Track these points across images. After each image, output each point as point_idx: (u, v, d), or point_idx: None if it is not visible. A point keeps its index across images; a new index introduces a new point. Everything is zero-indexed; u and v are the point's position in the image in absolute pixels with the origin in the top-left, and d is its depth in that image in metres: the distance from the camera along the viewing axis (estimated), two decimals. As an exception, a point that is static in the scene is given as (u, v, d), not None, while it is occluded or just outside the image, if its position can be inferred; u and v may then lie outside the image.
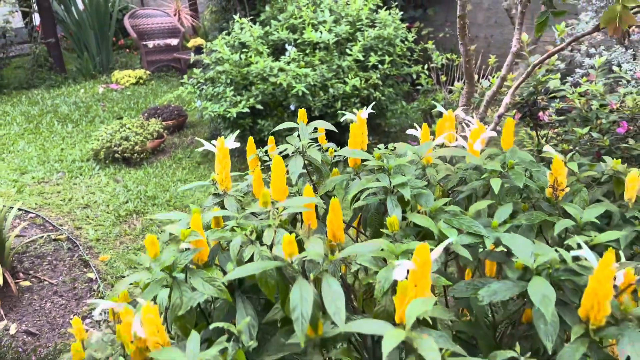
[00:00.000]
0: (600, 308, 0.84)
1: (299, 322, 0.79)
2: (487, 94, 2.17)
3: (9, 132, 6.46)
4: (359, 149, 1.20)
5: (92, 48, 9.10)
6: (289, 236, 0.85)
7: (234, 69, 4.59)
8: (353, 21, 4.94)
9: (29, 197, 4.69)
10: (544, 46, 5.85)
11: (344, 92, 4.52)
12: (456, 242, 0.98)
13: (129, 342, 0.88)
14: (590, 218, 1.08)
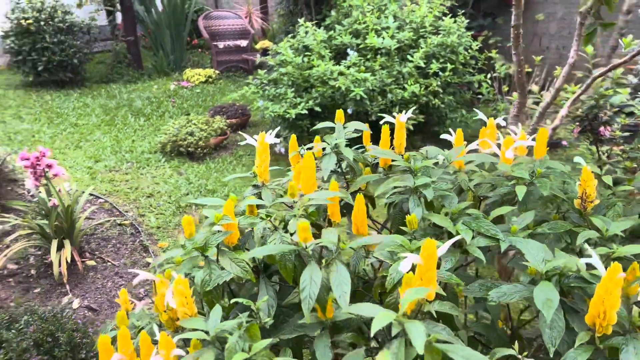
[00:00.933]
0: (606, 316, 0.84)
1: (306, 300, 0.85)
2: (541, 105, 2.14)
3: (87, 123, 6.93)
4: (389, 150, 1.25)
5: (167, 47, 9.57)
6: (304, 222, 0.92)
7: (296, 71, 4.71)
8: (417, 28, 4.95)
9: (100, 184, 5.03)
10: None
11: (403, 97, 4.53)
12: (472, 243, 1.01)
13: (163, 312, 0.97)
14: (616, 231, 1.07)
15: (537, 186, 1.14)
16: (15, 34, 8.15)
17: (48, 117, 7.13)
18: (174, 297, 0.93)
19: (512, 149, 1.27)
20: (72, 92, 8.38)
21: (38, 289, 3.42)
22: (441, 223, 1.07)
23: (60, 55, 8.21)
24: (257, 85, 5.25)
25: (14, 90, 8.57)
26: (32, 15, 8.12)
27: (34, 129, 6.67)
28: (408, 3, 5.34)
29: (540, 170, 1.18)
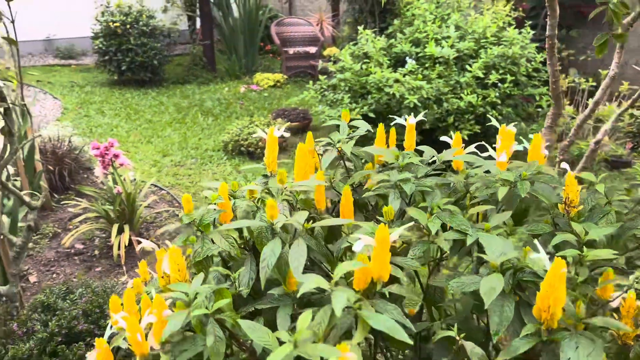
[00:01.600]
0: (551, 310, 0.86)
1: (263, 270, 0.95)
2: (579, 118, 2.10)
3: (160, 120, 7.37)
4: (380, 147, 1.32)
5: (240, 51, 9.98)
6: (272, 201, 1.01)
7: (353, 77, 4.81)
8: (478, 38, 4.90)
9: (165, 177, 5.36)
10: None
11: (459, 107, 4.51)
12: (440, 235, 1.06)
13: (160, 277, 1.10)
14: (595, 236, 1.07)
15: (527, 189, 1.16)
16: (104, 35, 8.81)
17: (127, 113, 7.66)
18: (168, 265, 1.06)
19: (505, 153, 1.29)
20: (150, 91, 8.93)
21: (99, 268, 3.72)
22: (415, 216, 1.12)
23: (142, 57, 8.79)
24: (316, 90, 5.39)
25: (99, 88, 9.25)
26: (119, 18, 8.76)
27: (113, 123, 7.19)
28: (472, 13, 5.30)
29: (526, 174, 1.19)
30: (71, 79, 9.63)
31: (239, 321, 0.89)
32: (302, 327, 0.78)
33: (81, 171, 5.10)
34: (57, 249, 3.96)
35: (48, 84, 9.21)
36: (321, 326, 0.83)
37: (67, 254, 3.91)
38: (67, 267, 3.75)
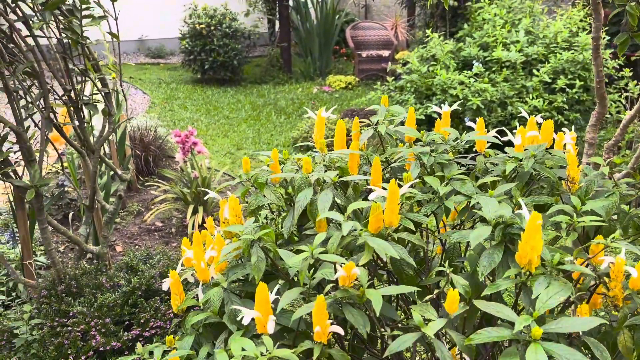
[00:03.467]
0: (529, 257, 1.03)
1: (298, 207, 1.18)
2: (625, 119, 2.17)
3: (237, 117, 7.84)
4: (410, 128, 1.51)
5: (315, 54, 10.33)
6: (307, 158, 1.24)
7: (420, 79, 4.96)
8: (549, 43, 4.89)
9: (237, 168, 5.75)
10: None
11: (523, 111, 4.54)
12: (450, 200, 1.24)
13: (222, 223, 1.36)
14: (587, 208, 1.20)
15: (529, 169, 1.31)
16: (190, 36, 9.46)
17: (206, 109, 8.21)
18: (228, 211, 1.32)
19: (521, 138, 1.44)
20: (229, 90, 9.48)
21: (175, 243, 4.13)
22: (430, 182, 1.31)
23: (223, 57, 9.35)
24: (383, 91, 5.58)
25: (184, 85, 9.93)
26: (205, 20, 9.37)
27: (194, 117, 7.75)
28: (544, 18, 5.28)
29: (533, 153, 1.34)
30: (159, 77, 10.40)
31: (278, 250, 1.13)
32: (317, 243, 1.01)
33: (164, 158, 5.60)
34: (140, 225, 4.42)
35: (139, 80, 10.01)
36: (333, 245, 1.06)
37: (148, 230, 4.36)
38: (148, 240, 4.19)
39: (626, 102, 4.50)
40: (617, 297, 1.16)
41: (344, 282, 1.08)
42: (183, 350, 1.17)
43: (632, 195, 1.38)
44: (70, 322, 2.34)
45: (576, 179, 1.30)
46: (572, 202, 1.22)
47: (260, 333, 1.07)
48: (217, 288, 1.22)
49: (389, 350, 1.00)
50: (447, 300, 1.08)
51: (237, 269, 1.25)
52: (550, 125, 1.44)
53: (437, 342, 1.05)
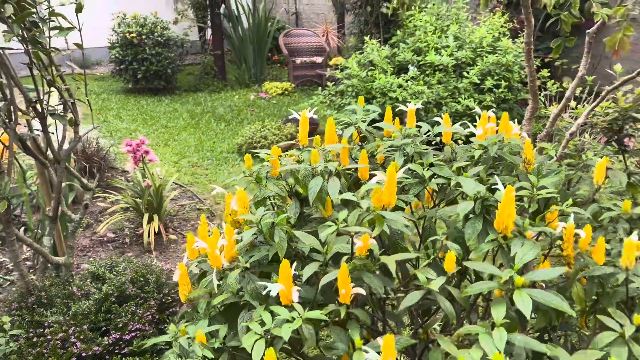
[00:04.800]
0: (505, 223, 1.25)
1: (312, 194, 1.34)
2: (553, 112, 2.49)
3: (175, 125, 7.79)
4: (388, 123, 1.72)
5: (249, 61, 10.43)
6: (315, 151, 1.40)
7: (360, 83, 5.22)
8: (475, 47, 5.31)
9: (184, 176, 5.76)
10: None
11: (457, 111, 4.91)
12: (434, 181, 1.46)
13: (228, 215, 1.48)
14: (542, 184, 1.45)
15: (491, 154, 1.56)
16: (120, 45, 9.26)
17: (143, 119, 8.08)
18: (236, 203, 1.45)
19: (482, 128, 1.68)
20: (163, 99, 9.36)
21: (131, 253, 4.11)
22: (414, 168, 1.52)
23: (156, 66, 9.23)
24: (325, 96, 5.80)
25: (115, 95, 9.69)
26: (135, 29, 9.21)
27: (131, 128, 7.61)
28: (469, 25, 5.72)
29: (495, 140, 1.59)
30: (88, 87, 10.08)
31: (295, 232, 1.28)
32: (341, 218, 1.17)
33: (107, 169, 5.50)
34: (91, 238, 4.35)
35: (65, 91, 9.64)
36: (353, 219, 1.22)
37: (100, 242, 4.30)
38: (101, 252, 4.14)
39: (545, 100, 4.99)
40: (569, 256, 1.41)
41: (360, 252, 1.25)
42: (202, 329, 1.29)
43: (571, 175, 1.65)
44: (48, 332, 2.34)
45: (532, 161, 1.55)
46: (529, 179, 1.47)
47: (284, 304, 1.21)
48: (235, 271, 1.34)
49: (403, 305, 1.17)
50: (445, 261, 1.28)
51: (252, 252, 1.38)
52: (507, 118, 1.69)
53: (439, 295, 1.24)
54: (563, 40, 1.96)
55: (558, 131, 3.74)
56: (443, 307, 1.24)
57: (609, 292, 1.41)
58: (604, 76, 6.56)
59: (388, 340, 1.01)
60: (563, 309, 1.13)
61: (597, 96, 5.60)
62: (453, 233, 1.44)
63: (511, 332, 1.10)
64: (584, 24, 7.37)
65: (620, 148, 3.14)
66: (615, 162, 3.42)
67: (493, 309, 1.13)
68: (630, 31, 1.68)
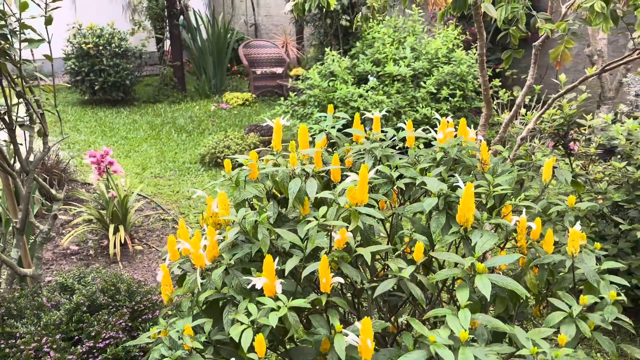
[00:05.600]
0: (466, 216, 1.39)
1: (292, 194, 1.44)
2: (505, 119, 2.69)
3: (136, 137, 7.72)
4: (358, 129, 1.85)
5: (209, 72, 10.44)
6: (293, 154, 1.51)
7: (321, 93, 5.37)
8: (431, 58, 5.55)
9: (147, 187, 5.73)
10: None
11: (415, 119, 5.11)
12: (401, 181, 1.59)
13: (209, 217, 1.56)
14: (497, 182, 1.61)
15: (451, 155, 1.70)
16: (76, 56, 9.12)
17: (102, 131, 7.97)
18: (217, 205, 1.53)
19: (442, 133, 1.83)
20: (122, 110, 9.25)
21: (95, 265, 4.08)
22: (383, 169, 1.64)
23: (114, 77, 9.13)
24: (287, 106, 5.91)
25: (71, 107, 9.51)
26: (92, 40, 9.09)
27: (89, 140, 7.50)
28: (425, 37, 5.97)
29: (455, 144, 1.74)
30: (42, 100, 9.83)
31: (276, 229, 1.37)
32: (321, 214, 1.28)
33: (67, 181, 5.42)
34: (53, 251, 4.29)
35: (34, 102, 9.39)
36: (332, 215, 1.33)
37: (64, 255, 4.25)
38: (65, 265, 4.09)
39: (498, 108, 5.26)
40: (522, 246, 1.56)
41: (338, 245, 1.35)
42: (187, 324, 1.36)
43: (522, 174, 1.82)
44: (20, 342, 2.33)
45: (488, 162, 1.70)
46: (486, 178, 1.61)
47: (268, 296, 1.30)
48: (219, 268, 1.42)
49: (378, 291, 1.28)
50: (415, 251, 1.40)
51: (235, 250, 1.46)
52: (464, 123, 1.85)
53: (410, 283, 1.36)
54: (512, 52, 2.15)
55: (510, 137, 3.98)
56: (413, 292, 1.36)
57: (558, 278, 1.57)
58: (551, 85, 6.96)
59: (366, 323, 1.11)
60: (517, 290, 1.27)
61: (545, 104, 5.95)
62: (419, 228, 1.57)
63: (474, 313, 1.23)
64: (531, 37, 7.81)
65: (567, 151, 3.38)
66: (562, 165, 3.67)
67: (458, 292, 1.26)
68: (571, 44, 1.87)
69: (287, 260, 1.40)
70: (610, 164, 3.30)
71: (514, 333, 1.25)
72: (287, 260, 1.40)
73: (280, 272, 1.41)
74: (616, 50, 7.33)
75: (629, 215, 3.11)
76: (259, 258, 1.48)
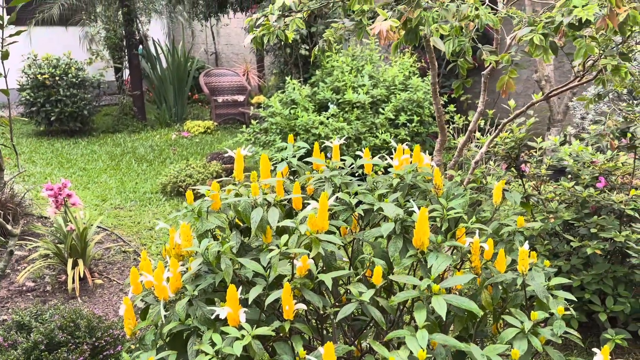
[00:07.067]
0: (423, 239, 1.46)
1: (253, 224, 1.47)
2: (460, 144, 2.80)
3: (95, 167, 7.59)
4: (318, 158, 1.90)
5: (170, 100, 10.40)
6: (255, 184, 1.55)
7: (283, 121, 5.44)
8: (389, 85, 5.72)
9: (107, 219, 5.62)
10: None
11: (375, 144, 5.23)
12: (360, 207, 1.65)
13: (172, 249, 1.57)
14: (451, 205, 1.69)
15: (408, 182, 1.78)
16: (31, 87, 8.94)
17: (59, 162, 7.80)
18: (180, 237, 1.54)
19: (398, 160, 1.91)
20: (80, 141, 9.08)
21: (53, 301, 3.95)
22: (342, 196, 1.70)
23: (72, 107, 8.98)
24: (249, 134, 5.96)
25: (26, 139, 9.28)
26: (48, 70, 8.94)
27: (46, 172, 7.32)
28: (382, 64, 6.15)
29: (410, 170, 1.82)
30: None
31: (239, 259, 1.39)
32: (283, 242, 1.31)
33: (22, 216, 5.26)
34: (8, 288, 4.14)
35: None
36: (294, 243, 1.36)
37: (19, 292, 4.10)
38: (21, 302, 3.95)
39: (454, 132, 5.44)
40: (477, 266, 1.63)
41: (300, 272, 1.38)
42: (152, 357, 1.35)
43: (475, 197, 1.91)
44: (-26, 385, 2.24)
45: (441, 186, 1.78)
46: (440, 202, 1.69)
47: (232, 326, 1.31)
48: (183, 300, 1.42)
49: (339, 316, 1.32)
50: (374, 276, 1.45)
51: (198, 281, 1.47)
52: (419, 150, 1.93)
53: (369, 306, 1.40)
54: (461, 82, 2.27)
55: (467, 160, 4.13)
56: (373, 315, 1.40)
57: (512, 296, 1.65)
58: (503, 109, 7.26)
59: (328, 348, 1.14)
60: (471, 308, 1.33)
61: (497, 127, 6.19)
62: (379, 252, 1.63)
63: (432, 333, 1.28)
64: (481, 65, 8.10)
65: (519, 173, 3.54)
66: (516, 185, 3.82)
67: (415, 314, 1.31)
68: (514, 74, 2.00)
69: (251, 289, 1.42)
70: (560, 184, 3.47)
71: (470, 350, 1.31)
72: (250, 289, 1.43)
73: (244, 301, 1.43)
74: (562, 75, 7.72)
75: (579, 232, 3.26)
76: (222, 288, 1.49)
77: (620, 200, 3.08)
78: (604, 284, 3.00)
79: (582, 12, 1.62)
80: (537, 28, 1.83)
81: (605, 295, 3.02)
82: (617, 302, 2.93)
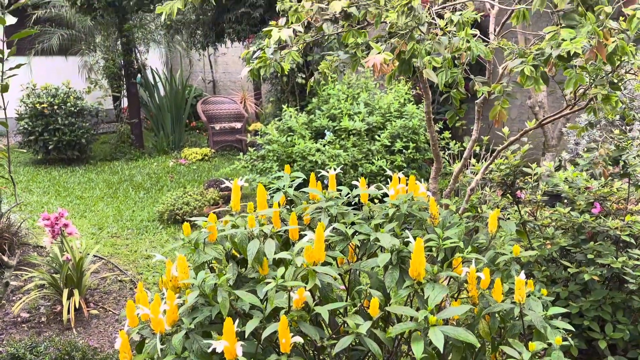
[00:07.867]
0: (419, 270, 1.46)
1: (250, 256, 1.47)
2: (455, 171, 2.83)
3: (92, 195, 7.59)
4: (314, 189, 1.92)
5: (167, 128, 10.47)
6: (252, 216, 1.56)
7: (280, 148, 5.47)
8: (384, 113, 5.78)
9: (103, 247, 5.60)
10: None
11: (371, 171, 5.26)
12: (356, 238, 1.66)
13: (168, 281, 1.57)
14: (448, 234, 1.70)
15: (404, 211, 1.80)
16: (30, 116, 9.00)
17: (56, 191, 7.80)
18: (177, 269, 1.54)
19: (394, 189, 1.93)
20: (77, 169, 9.10)
21: (48, 332, 3.91)
22: (338, 227, 1.71)
23: (70, 136, 9.03)
24: (247, 161, 5.99)
25: (23, 167, 9.30)
26: (46, 100, 9.02)
27: (43, 200, 7.31)
28: (378, 92, 6.23)
29: (406, 200, 1.83)
30: (-7, 160, 9.57)
31: (236, 291, 1.39)
32: (279, 274, 1.31)
33: (18, 246, 5.24)
34: (3, 319, 4.10)
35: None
36: (290, 275, 1.37)
37: (14, 323, 4.06)
38: (15, 334, 3.90)
39: (450, 158, 5.48)
40: (474, 296, 1.63)
41: (297, 305, 1.38)
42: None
43: (471, 225, 1.92)
44: (-34, 422, 2.20)
45: (437, 216, 1.79)
46: (436, 232, 1.70)
47: (229, 359, 1.30)
48: (179, 333, 1.42)
49: (336, 349, 1.31)
50: (370, 307, 1.45)
51: (195, 314, 1.47)
52: (414, 179, 1.95)
53: (366, 338, 1.40)
54: (455, 112, 2.31)
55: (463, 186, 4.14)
56: (371, 348, 1.40)
57: (509, 325, 1.64)
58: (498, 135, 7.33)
59: (326, 382, 1.14)
60: (468, 339, 1.33)
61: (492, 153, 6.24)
62: (375, 282, 1.63)
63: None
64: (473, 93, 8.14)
65: (514, 199, 3.55)
66: (512, 212, 3.84)
67: (413, 345, 1.31)
68: (506, 104, 2.04)
69: (248, 321, 1.42)
70: (556, 210, 3.48)
71: (469, 382, 1.30)
72: (247, 321, 1.43)
73: (240, 333, 1.43)
74: (555, 100, 7.82)
75: (576, 258, 3.26)
76: (219, 320, 1.49)
77: (615, 226, 3.09)
78: (603, 311, 2.99)
79: (571, 46, 1.66)
80: (528, 60, 1.87)
81: (605, 322, 3.00)
82: (616, 329, 2.91)
